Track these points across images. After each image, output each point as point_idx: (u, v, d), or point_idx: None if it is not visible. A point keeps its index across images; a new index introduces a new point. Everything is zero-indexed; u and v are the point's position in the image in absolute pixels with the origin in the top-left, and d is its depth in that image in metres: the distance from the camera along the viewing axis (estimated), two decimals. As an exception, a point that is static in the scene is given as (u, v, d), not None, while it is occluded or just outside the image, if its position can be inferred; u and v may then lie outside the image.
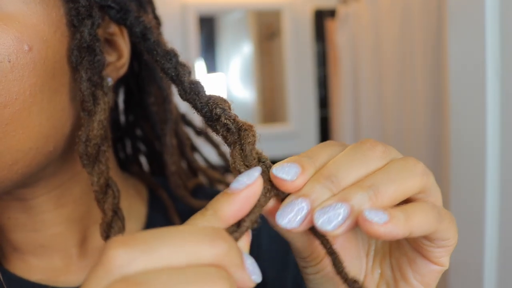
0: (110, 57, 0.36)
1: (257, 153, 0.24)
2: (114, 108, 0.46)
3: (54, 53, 0.31)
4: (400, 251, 0.28)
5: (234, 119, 0.25)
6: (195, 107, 0.27)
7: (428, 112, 1.43)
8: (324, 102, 2.14)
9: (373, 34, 1.72)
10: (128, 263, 0.17)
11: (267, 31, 2.05)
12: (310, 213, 0.22)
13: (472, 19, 0.85)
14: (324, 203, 0.22)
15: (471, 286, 0.92)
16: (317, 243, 0.27)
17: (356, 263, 0.28)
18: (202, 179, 0.51)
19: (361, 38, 1.79)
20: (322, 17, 2.07)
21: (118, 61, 0.37)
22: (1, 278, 0.36)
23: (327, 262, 0.28)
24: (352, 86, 1.90)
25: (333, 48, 2.06)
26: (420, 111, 1.47)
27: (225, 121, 0.25)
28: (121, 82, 0.44)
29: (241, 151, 0.24)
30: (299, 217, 0.22)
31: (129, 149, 0.49)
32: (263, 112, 2.10)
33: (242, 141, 0.24)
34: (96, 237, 0.40)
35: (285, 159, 0.24)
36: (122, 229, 0.32)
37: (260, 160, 0.24)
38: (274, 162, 0.24)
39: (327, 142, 0.26)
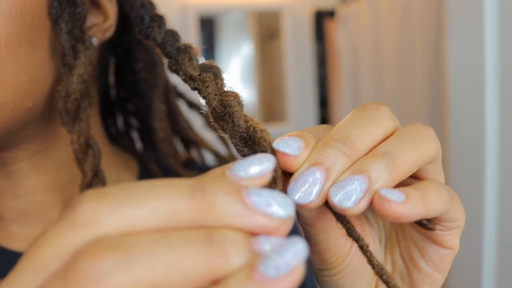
0: (96, 19, 0.35)
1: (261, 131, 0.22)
2: (105, 83, 0.45)
3: (32, 3, 0.30)
4: (408, 240, 0.26)
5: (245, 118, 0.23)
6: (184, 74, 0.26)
7: (427, 112, 1.44)
8: (324, 102, 2.14)
9: (372, 35, 1.72)
10: (96, 220, 0.15)
11: (267, 32, 2.06)
12: (326, 182, 0.20)
13: (471, 19, 0.86)
14: (342, 176, 0.20)
15: (470, 285, 0.92)
16: (343, 242, 0.25)
17: None
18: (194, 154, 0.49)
19: (361, 39, 1.80)
20: (322, 18, 2.07)
21: (104, 23, 0.36)
22: None
23: (347, 261, 0.26)
24: (352, 86, 1.90)
25: (333, 48, 2.06)
26: (419, 111, 1.47)
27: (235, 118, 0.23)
28: (110, 53, 0.44)
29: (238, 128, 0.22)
30: (315, 189, 0.20)
31: (120, 124, 0.48)
32: (263, 112, 2.11)
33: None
34: None
35: (285, 135, 0.22)
36: None
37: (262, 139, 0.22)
38: None
39: (323, 125, 0.24)
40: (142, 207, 0.16)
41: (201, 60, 0.28)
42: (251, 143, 0.22)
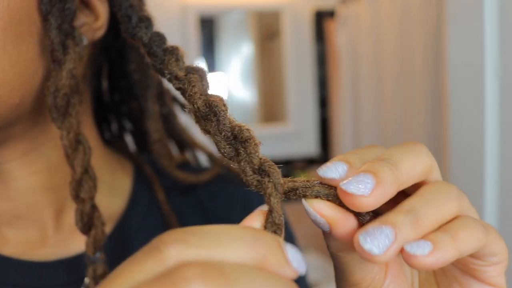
0: (86, 18, 0.35)
1: (264, 160, 0.22)
2: (97, 86, 0.45)
3: None
4: (449, 278, 0.25)
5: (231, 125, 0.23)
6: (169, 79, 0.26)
7: (427, 112, 1.44)
8: (324, 102, 2.14)
9: (372, 35, 1.72)
10: (184, 255, 0.16)
11: (267, 32, 2.06)
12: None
13: (471, 20, 0.86)
14: (367, 226, 0.21)
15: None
16: (377, 267, 0.25)
17: None
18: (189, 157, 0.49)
19: (361, 39, 1.80)
20: (322, 18, 2.07)
21: (94, 22, 0.36)
22: None
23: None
24: (351, 86, 1.91)
25: (333, 48, 2.06)
26: (419, 111, 1.47)
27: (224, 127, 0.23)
28: (103, 57, 0.44)
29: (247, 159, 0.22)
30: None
31: (115, 128, 0.48)
32: (263, 112, 2.11)
33: (247, 151, 0.22)
34: (72, 210, 0.38)
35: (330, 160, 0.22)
36: (93, 189, 0.31)
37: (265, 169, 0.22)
38: (276, 163, 0.23)
39: (370, 145, 0.24)
40: (225, 247, 0.16)
41: (196, 62, 0.28)
42: (235, 142, 0.23)
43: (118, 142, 0.47)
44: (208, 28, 1.94)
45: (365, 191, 0.20)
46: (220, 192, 0.46)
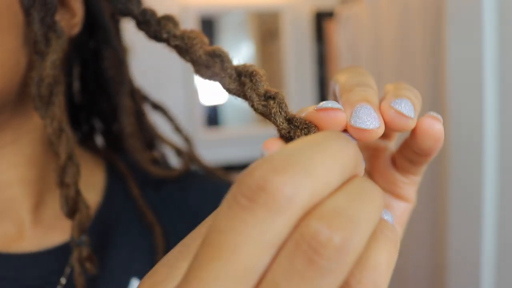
0: (63, 15, 0.36)
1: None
2: (68, 86, 0.45)
3: None
4: None
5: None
6: (151, 36, 0.28)
7: (427, 112, 1.44)
8: (324, 103, 2.14)
9: (372, 35, 1.72)
10: (297, 194, 0.14)
11: (267, 32, 2.06)
12: (378, 110, 0.22)
13: (471, 20, 0.86)
14: (387, 100, 0.22)
15: (469, 285, 0.92)
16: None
17: None
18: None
19: (361, 39, 1.80)
20: (321, 18, 2.07)
21: (71, 19, 0.37)
22: None
23: None
24: (352, 87, 1.91)
25: (333, 48, 2.06)
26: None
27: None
28: (74, 58, 0.44)
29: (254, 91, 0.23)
30: (374, 116, 0.21)
31: (85, 129, 0.49)
32: (263, 112, 2.11)
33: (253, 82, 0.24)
34: (50, 205, 0.39)
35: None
36: (77, 175, 0.32)
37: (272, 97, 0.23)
38: None
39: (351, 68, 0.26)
40: (328, 165, 0.15)
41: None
42: (239, 78, 0.24)
43: (89, 141, 0.48)
44: (208, 29, 1.95)
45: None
46: (191, 186, 0.47)
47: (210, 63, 0.25)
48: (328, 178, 0.15)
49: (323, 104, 0.21)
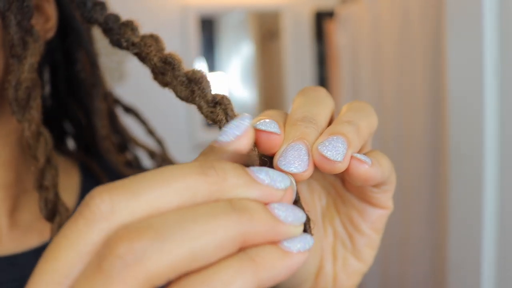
0: (37, 20, 0.36)
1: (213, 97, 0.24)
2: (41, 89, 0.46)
3: None
4: (348, 206, 0.29)
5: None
6: (114, 43, 0.28)
7: (427, 113, 1.44)
8: (324, 103, 2.14)
9: (372, 35, 1.72)
10: (114, 210, 0.16)
11: (267, 32, 2.06)
12: (310, 151, 0.21)
13: (471, 21, 0.86)
14: (320, 138, 0.22)
15: (469, 285, 0.92)
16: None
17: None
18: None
19: (361, 39, 1.80)
20: (321, 18, 2.07)
21: (45, 23, 0.37)
22: None
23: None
24: (351, 87, 1.91)
25: (333, 48, 2.06)
26: (419, 112, 1.47)
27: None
28: (45, 62, 0.44)
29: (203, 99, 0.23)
30: (303, 158, 0.21)
31: (55, 133, 0.49)
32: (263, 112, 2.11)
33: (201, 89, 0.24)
34: (26, 208, 0.39)
35: (260, 118, 0.23)
36: (55, 177, 0.32)
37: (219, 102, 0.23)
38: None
39: (273, 110, 0.25)
40: (159, 189, 0.16)
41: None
42: (190, 85, 0.24)
43: (61, 146, 0.48)
44: (208, 29, 1.95)
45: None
46: None
47: (164, 70, 0.25)
48: (157, 200, 0.16)
49: (261, 124, 0.22)
